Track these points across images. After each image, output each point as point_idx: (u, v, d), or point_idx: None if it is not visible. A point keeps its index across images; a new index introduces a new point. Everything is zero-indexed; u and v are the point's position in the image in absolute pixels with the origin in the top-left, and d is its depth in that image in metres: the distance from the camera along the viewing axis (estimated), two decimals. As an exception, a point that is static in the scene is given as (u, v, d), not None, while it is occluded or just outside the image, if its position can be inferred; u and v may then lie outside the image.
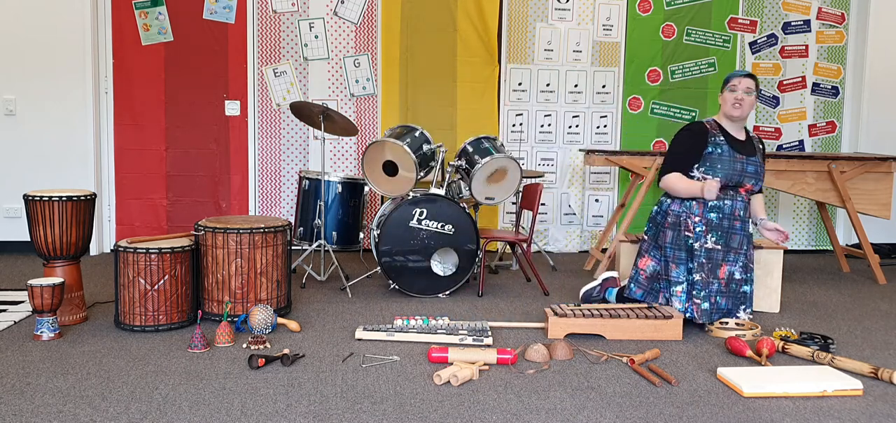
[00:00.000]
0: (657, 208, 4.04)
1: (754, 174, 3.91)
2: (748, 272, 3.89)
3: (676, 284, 3.84)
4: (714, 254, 3.82)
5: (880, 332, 3.92)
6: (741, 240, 3.87)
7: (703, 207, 3.85)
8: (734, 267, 3.85)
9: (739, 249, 3.86)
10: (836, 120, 6.35)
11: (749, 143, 3.97)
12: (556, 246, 6.16)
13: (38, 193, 3.65)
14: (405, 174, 4.40)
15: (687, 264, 3.84)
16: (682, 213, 3.88)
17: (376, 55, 5.81)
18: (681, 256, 3.86)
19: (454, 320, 3.74)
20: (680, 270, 3.85)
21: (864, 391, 2.93)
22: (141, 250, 3.52)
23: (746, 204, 3.94)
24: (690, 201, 3.88)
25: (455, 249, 4.35)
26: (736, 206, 3.88)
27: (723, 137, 3.89)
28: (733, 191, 3.88)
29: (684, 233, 3.86)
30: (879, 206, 5.20)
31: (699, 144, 3.88)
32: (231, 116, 5.76)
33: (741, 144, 3.92)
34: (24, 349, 3.28)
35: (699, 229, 3.83)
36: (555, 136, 6.07)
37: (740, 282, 3.86)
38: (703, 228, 3.83)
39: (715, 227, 3.84)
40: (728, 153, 3.85)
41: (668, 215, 3.93)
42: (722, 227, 3.85)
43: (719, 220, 3.85)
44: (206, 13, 5.65)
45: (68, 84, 5.46)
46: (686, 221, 3.86)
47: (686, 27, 6.04)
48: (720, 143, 3.87)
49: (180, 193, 5.79)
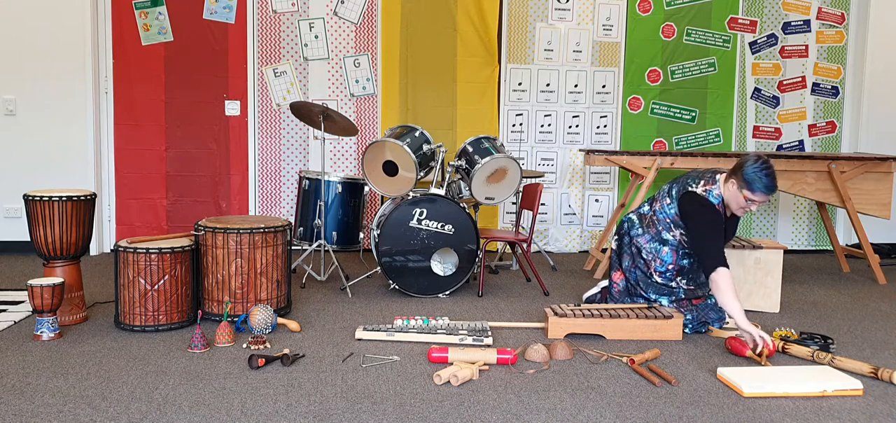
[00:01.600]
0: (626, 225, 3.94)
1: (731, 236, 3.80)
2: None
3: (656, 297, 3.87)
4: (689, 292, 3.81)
5: (880, 332, 3.92)
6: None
7: (677, 255, 3.75)
8: (711, 300, 3.81)
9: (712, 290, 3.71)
10: (836, 120, 6.35)
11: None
12: (556, 246, 6.16)
13: (38, 193, 3.65)
14: (405, 174, 4.40)
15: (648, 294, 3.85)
16: (652, 256, 3.80)
17: (376, 55, 5.81)
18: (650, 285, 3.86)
19: (454, 321, 3.74)
20: (649, 292, 3.86)
21: (864, 391, 2.93)
22: (141, 250, 3.52)
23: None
24: (663, 247, 3.76)
25: (455, 249, 4.35)
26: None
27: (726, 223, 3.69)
28: None
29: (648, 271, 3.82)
30: (879, 206, 5.20)
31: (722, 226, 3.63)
32: (231, 116, 5.76)
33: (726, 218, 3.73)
34: (24, 349, 3.28)
35: (668, 274, 3.79)
36: (555, 136, 6.07)
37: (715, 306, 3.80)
38: (672, 273, 3.79)
39: (687, 272, 3.79)
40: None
41: (640, 250, 3.86)
42: (693, 270, 3.79)
43: (692, 265, 3.77)
44: (206, 13, 5.65)
45: (68, 84, 5.46)
46: (653, 263, 3.81)
47: (686, 27, 6.04)
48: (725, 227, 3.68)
49: (180, 193, 5.79)
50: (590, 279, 5.11)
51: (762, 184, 3.44)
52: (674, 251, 3.77)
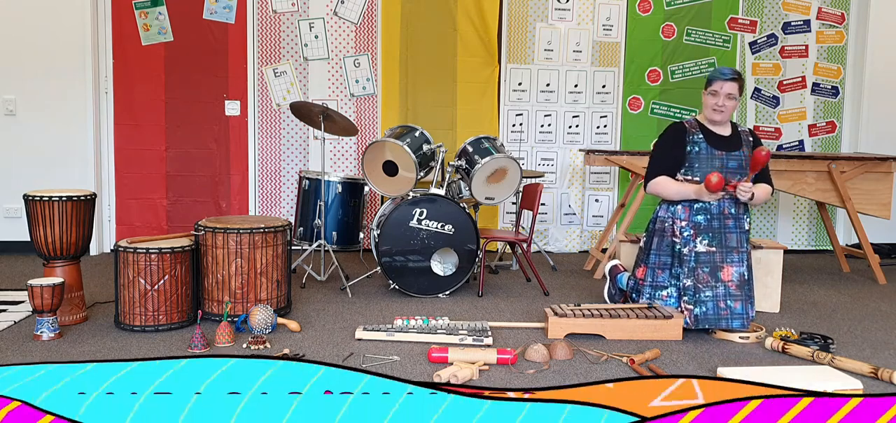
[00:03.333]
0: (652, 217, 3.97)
1: (737, 170, 3.72)
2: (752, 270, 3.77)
3: (661, 288, 3.80)
4: (710, 257, 3.70)
5: (880, 332, 3.91)
6: (739, 238, 3.73)
7: (689, 210, 3.74)
8: (742, 267, 3.71)
9: (740, 247, 3.72)
10: (836, 120, 6.35)
11: (735, 137, 3.82)
12: (556, 246, 6.16)
13: (38, 193, 3.65)
14: (405, 174, 4.40)
15: (672, 268, 3.78)
16: (668, 218, 3.80)
17: (376, 55, 5.81)
18: (666, 261, 3.80)
19: (454, 320, 3.74)
20: (665, 275, 3.80)
21: (864, 391, 2.93)
22: (141, 250, 3.52)
23: (737, 200, 3.75)
24: (675, 206, 3.78)
25: (455, 249, 4.35)
26: (724, 204, 3.73)
27: (701, 135, 3.76)
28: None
29: (671, 238, 3.79)
30: (879, 206, 5.20)
31: (680, 144, 3.78)
32: (231, 116, 5.76)
33: (723, 141, 3.78)
34: (25, 349, 3.28)
35: (687, 234, 3.73)
36: (555, 136, 6.07)
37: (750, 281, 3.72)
38: (690, 232, 3.73)
39: (704, 230, 3.71)
40: (706, 151, 3.73)
41: (654, 222, 3.87)
42: (712, 228, 3.71)
43: (708, 221, 3.72)
44: (206, 13, 5.65)
45: (68, 84, 5.46)
46: (672, 227, 3.78)
47: (686, 27, 6.04)
48: (698, 141, 3.75)
49: (180, 193, 5.79)
50: (590, 279, 5.11)
51: (712, 73, 3.79)
52: (685, 208, 3.75)
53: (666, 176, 3.81)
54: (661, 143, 3.90)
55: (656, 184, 3.82)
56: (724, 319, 3.67)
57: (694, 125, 3.83)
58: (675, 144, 3.81)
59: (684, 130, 3.81)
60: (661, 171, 3.83)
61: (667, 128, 3.93)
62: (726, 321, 3.67)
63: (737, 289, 3.68)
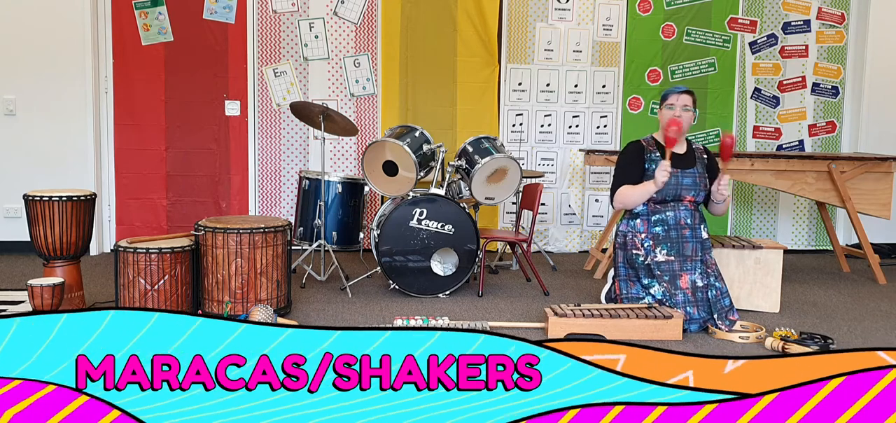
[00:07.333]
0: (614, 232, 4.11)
1: (692, 186, 3.91)
2: (710, 278, 3.87)
3: (637, 300, 3.88)
4: (669, 265, 3.85)
5: (880, 332, 3.92)
6: (694, 247, 3.88)
7: (647, 223, 3.90)
8: (694, 275, 3.86)
9: (694, 256, 3.88)
10: (836, 120, 6.35)
11: (689, 155, 3.98)
12: (556, 246, 6.16)
13: (38, 193, 3.65)
14: (405, 174, 4.40)
15: (642, 280, 3.88)
16: (629, 232, 3.94)
17: (376, 55, 5.81)
18: (633, 274, 3.92)
19: (454, 320, 3.74)
20: (637, 287, 3.91)
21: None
22: (141, 250, 3.52)
23: (693, 212, 3.93)
24: (635, 219, 3.93)
25: (455, 249, 4.35)
26: (680, 215, 3.89)
27: (658, 153, 3.92)
28: (674, 202, 3.90)
29: (632, 252, 3.91)
30: (879, 206, 5.20)
31: (638, 162, 3.94)
32: (231, 116, 5.76)
33: (678, 158, 3.92)
34: (24, 349, 3.28)
35: (647, 244, 3.88)
36: (555, 136, 6.07)
37: (704, 288, 3.84)
38: (650, 243, 3.88)
39: (663, 240, 3.87)
40: None
41: (616, 236, 4.02)
42: (670, 238, 3.87)
43: (666, 232, 3.88)
44: (206, 13, 5.65)
45: (68, 84, 5.46)
46: (633, 239, 3.91)
47: (686, 27, 6.04)
48: (655, 159, 3.90)
49: (180, 193, 5.79)
50: (590, 279, 5.11)
51: (666, 91, 3.96)
52: (643, 221, 3.90)
53: (628, 185, 3.94)
54: (621, 161, 4.06)
55: (619, 195, 3.96)
56: (691, 324, 3.80)
57: (651, 143, 3.99)
58: (633, 161, 3.96)
59: (642, 148, 3.98)
60: (624, 183, 3.96)
61: (625, 146, 4.09)
62: (694, 326, 3.81)
63: (692, 296, 3.83)
